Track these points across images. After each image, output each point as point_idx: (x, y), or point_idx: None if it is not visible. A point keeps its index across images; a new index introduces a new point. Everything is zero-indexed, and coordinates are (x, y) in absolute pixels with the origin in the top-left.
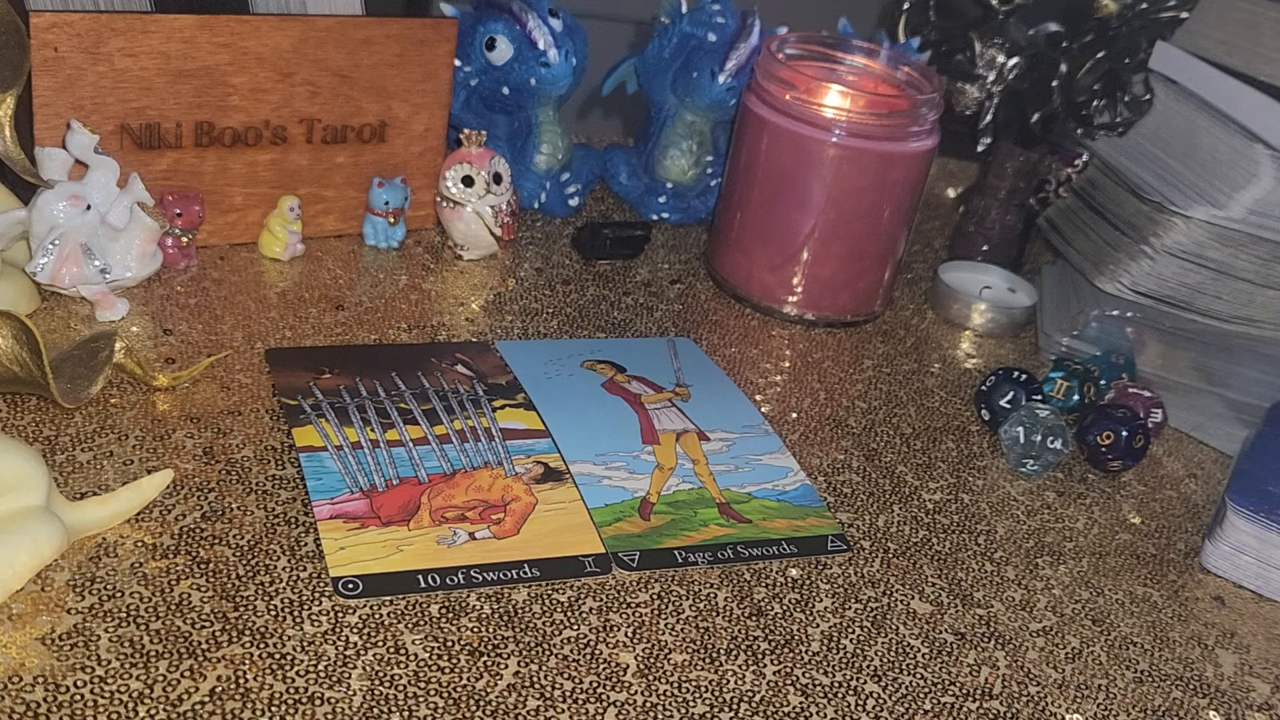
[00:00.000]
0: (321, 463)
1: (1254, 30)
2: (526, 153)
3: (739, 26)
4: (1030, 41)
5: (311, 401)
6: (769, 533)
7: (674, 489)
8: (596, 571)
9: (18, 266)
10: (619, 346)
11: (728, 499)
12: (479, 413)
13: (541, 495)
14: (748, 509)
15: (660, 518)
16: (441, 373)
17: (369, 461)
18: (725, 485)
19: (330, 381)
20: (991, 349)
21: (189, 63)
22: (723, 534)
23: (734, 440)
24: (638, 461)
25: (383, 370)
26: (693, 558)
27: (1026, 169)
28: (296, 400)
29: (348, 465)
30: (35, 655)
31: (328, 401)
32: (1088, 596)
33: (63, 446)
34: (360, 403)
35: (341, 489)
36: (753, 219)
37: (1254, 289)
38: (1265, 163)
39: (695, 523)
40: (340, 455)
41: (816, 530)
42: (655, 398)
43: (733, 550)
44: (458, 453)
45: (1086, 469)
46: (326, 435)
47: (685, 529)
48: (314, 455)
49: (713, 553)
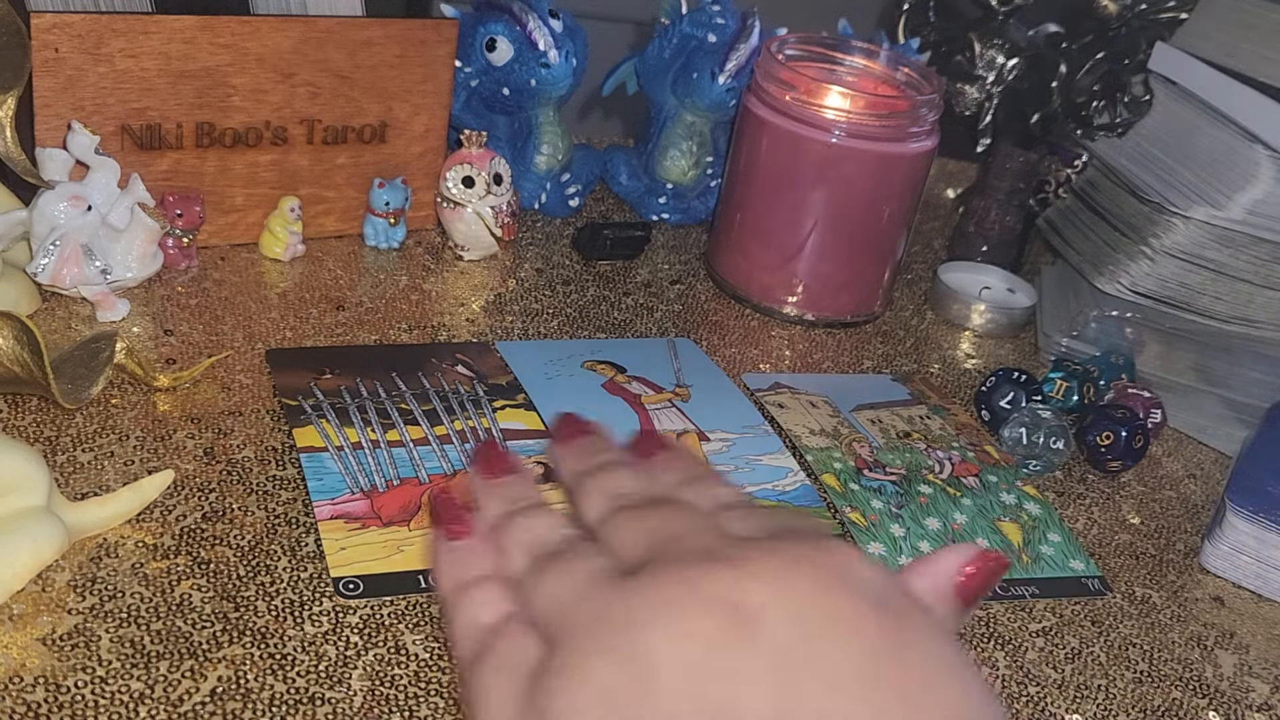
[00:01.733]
0: (322, 463)
1: (1253, 31)
2: (527, 153)
3: (739, 27)
4: (1030, 42)
5: (312, 402)
6: None
7: None
8: None
9: (19, 267)
10: (619, 347)
11: None
12: (479, 413)
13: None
14: None
15: None
16: (442, 373)
17: (369, 462)
18: None
19: (331, 382)
20: (991, 349)
21: (190, 63)
22: None
23: (734, 441)
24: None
25: (383, 371)
26: None
27: (1026, 170)
28: (297, 401)
29: (348, 466)
30: (36, 656)
31: (328, 402)
32: (1087, 597)
33: (63, 447)
34: (361, 403)
35: (342, 489)
36: (753, 219)
37: (1253, 289)
38: (1264, 163)
39: None
40: (341, 456)
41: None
42: (655, 398)
43: None
44: (459, 453)
45: (1086, 469)
46: (327, 436)
47: None
48: (315, 456)
49: None
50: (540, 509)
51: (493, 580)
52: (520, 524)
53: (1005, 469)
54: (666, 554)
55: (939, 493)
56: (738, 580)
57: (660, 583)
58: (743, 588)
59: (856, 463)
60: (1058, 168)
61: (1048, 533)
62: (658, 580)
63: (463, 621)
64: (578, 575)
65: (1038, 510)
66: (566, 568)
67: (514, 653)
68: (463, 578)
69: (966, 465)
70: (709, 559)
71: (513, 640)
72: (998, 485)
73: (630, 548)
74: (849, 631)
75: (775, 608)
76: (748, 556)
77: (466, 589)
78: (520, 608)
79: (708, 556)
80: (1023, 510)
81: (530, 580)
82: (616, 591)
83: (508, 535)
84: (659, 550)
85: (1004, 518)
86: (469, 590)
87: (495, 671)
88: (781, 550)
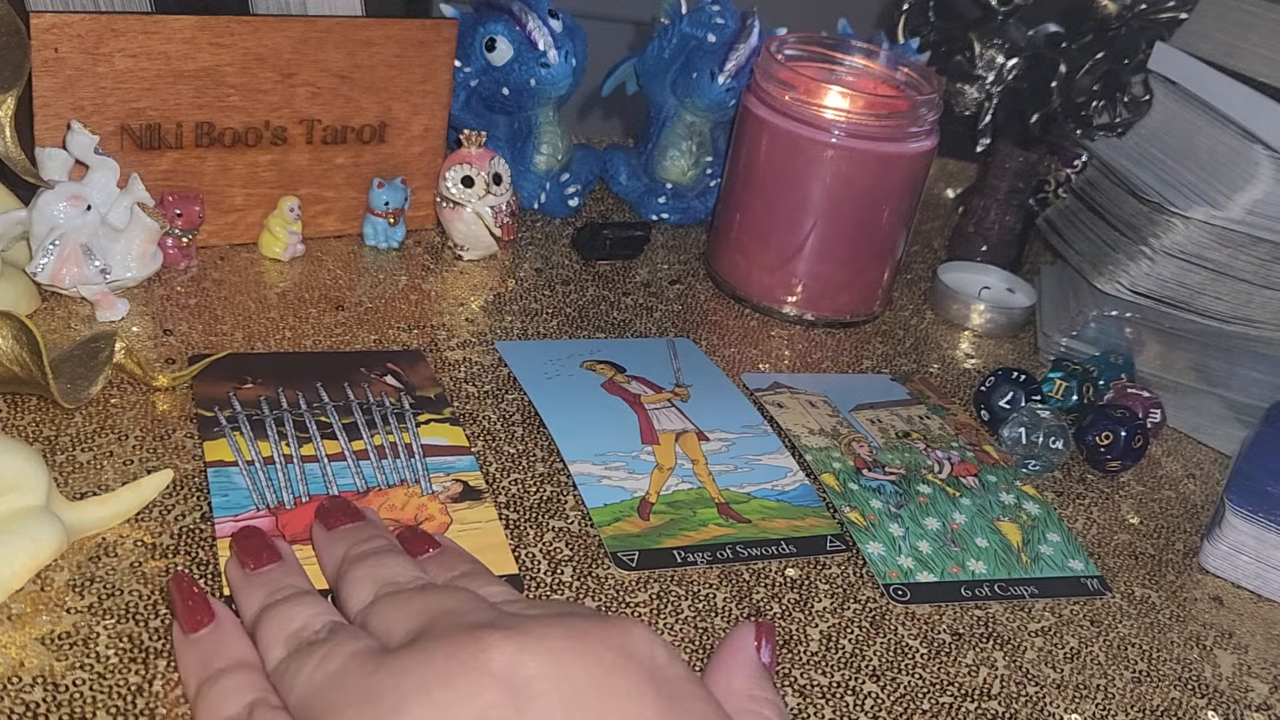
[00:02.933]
0: (229, 478)
1: (1253, 31)
2: (526, 153)
3: (738, 27)
4: (1029, 42)
5: (228, 413)
6: (768, 533)
7: (673, 489)
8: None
9: (18, 267)
10: (618, 347)
11: (727, 499)
12: (402, 428)
13: (457, 515)
14: (747, 509)
15: (659, 517)
16: (369, 384)
17: (279, 477)
18: (724, 485)
19: (251, 392)
20: (990, 349)
21: (189, 63)
22: (722, 534)
23: (733, 440)
24: (637, 462)
25: (307, 380)
26: (692, 558)
27: (1026, 170)
28: (213, 412)
29: (256, 481)
30: (35, 655)
31: (245, 413)
32: (1086, 596)
33: (63, 446)
34: (279, 415)
35: (248, 506)
36: (752, 219)
37: (1253, 289)
38: (1264, 163)
39: (694, 522)
40: (250, 471)
41: (815, 530)
42: (655, 398)
43: (732, 550)
44: (374, 469)
45: (1085, 469)
46: (239, 449)
47: (684, 529)
48: (223, 470)
49: (712, 553)
50: (303, 596)
51: (241, 667)
52: (281, 614)
53: (1005, 469)
54: (437, 628)
55: (938, 492)
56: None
57: (431, 656)
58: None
59: (856, 462)
60: (1057, 168)
61: (1047, 533)
62: (428, 653)
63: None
64: (338, 658)
65: (1037, 510)
66: (327, 651)
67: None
68: (207, 669)
69: (966, 465)
70: (486, 627)
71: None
72: (997, 485)
73: (398, 627)
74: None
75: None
76: (527, 627)
77: (213, 680)
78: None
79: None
80: (1022, 510)
81: (288, 667)
82: (382, 669)
83: (265, 628)
84: (428, 626)
85: (1003, 518)
86: (215, 680)
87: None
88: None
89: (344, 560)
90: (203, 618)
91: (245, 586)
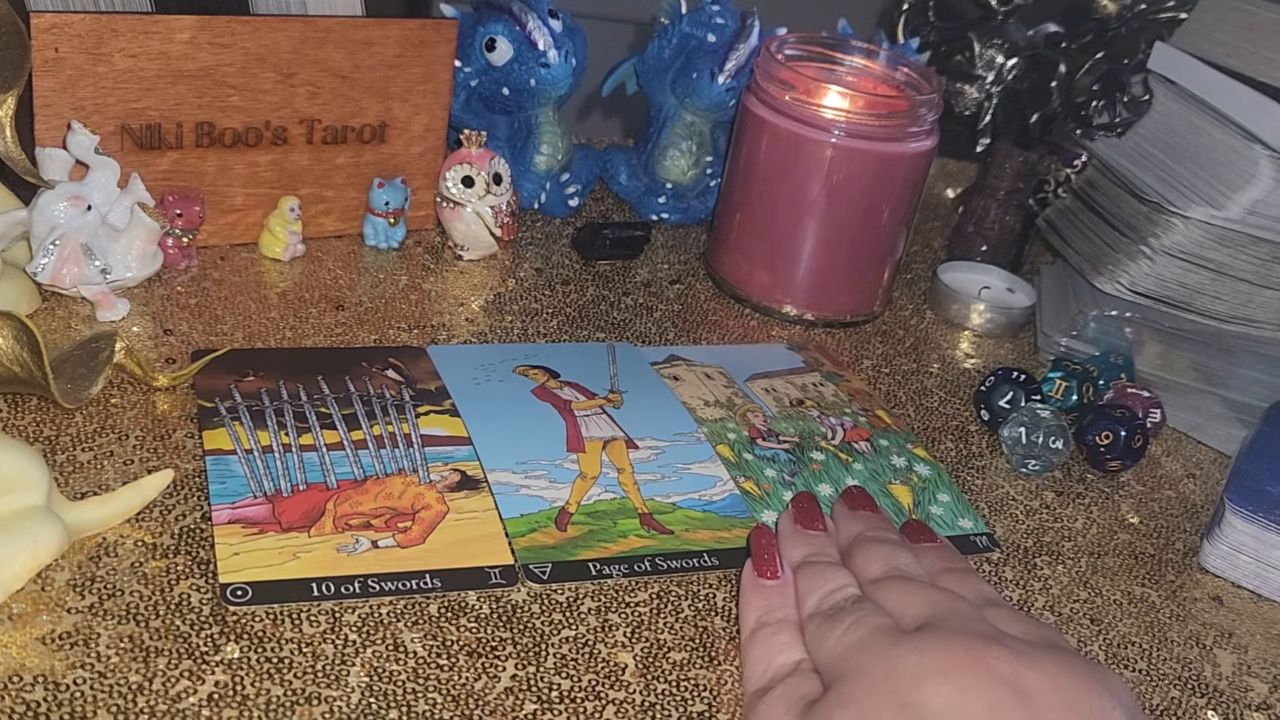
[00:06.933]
0: (228, 466)
1: (1252, 31)
2: (526, 153)
3: (738, 27)
4: (1029, 42)
5: (229, 404)
6: (691, 544)
7: (595, 499)
8: (502, 584)
9: (18, 267)
10: (555, 352)
11: (651, 509)
12: (401, 418)
13: (454, 504)
14: (671, 520)
15: (577, 529)
16: (370, 378)
17: (277, 466)
18: (649, 495)
19: (252, 384)
20: (990, 349)
21: (189, 63)
22: (641, 545)
23: (663, 448)
24: (559, 470)
25: (309, 374)
26: (607, 570)
27: (1025, 169)
28: (214, 403)
29: (254, 469)
30: (35, 655)
31: (245, 404)
32: (1086, 596)
33: (63, 446)
34: (279, 405)
35: (245, 493)
36: (752, 219)
37: (1253, 289)
38: (1264, 163)
39: (614, 534)
40: (249, 459)
41: (741, 542)
42: (586, 404)
43: (650, 562)
44: (372, 459)
45: (1085, 469)
46: (238, 438)
47: (603, 540)
48: (221, 459)
49: (629, 565)
50: (835, 565)
51: (794, 627)
52: (819, 572)
53: (896, 433)
54: (947, 624)
55: (831, 459)
56: (1018, 665)
57: (948, 646)
58: (1019, 671)
59: (750, 432)
60: (1057, 168)
61: (937, 493)
62: (945, 643)
63: (759, 654)
64: (864, 627)
65: (927, 472)
66: (855, 620)
67: (799, 688)
68: (766, 617)
69: (858, 430)
70: (994, 641)
71: (800, 678)
72: (889, 449)
73: (909, 610)
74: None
75: (1050, 696)
76: (1028, 651)
77: (767, 626)
78: (808, 659)
79: (992, 639)
80: (913, 472)
81: (821, 626)
82: (904, 645)
83: (804, 579)
84: (939, 620)
85: (895, 480)
86: (770, 630)
87: (780, 700)
88: (1056, 655)
89: (859, 537)
90: (774, 571)
91: (794, 539)
